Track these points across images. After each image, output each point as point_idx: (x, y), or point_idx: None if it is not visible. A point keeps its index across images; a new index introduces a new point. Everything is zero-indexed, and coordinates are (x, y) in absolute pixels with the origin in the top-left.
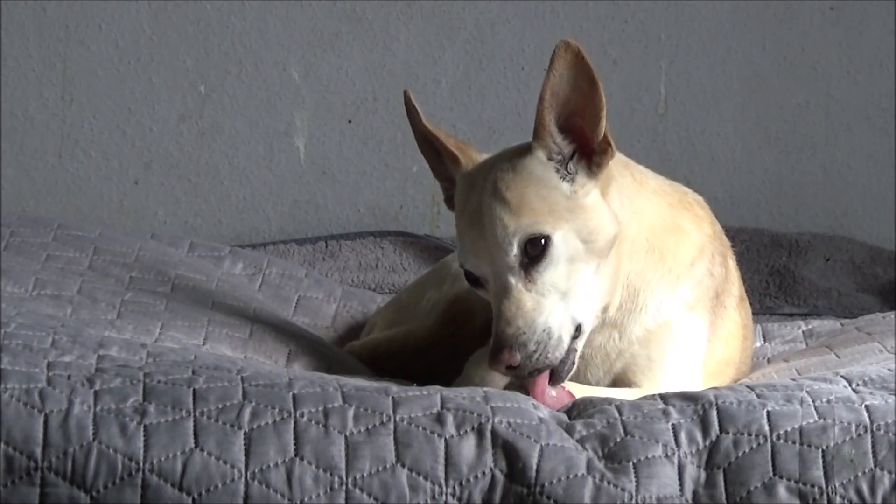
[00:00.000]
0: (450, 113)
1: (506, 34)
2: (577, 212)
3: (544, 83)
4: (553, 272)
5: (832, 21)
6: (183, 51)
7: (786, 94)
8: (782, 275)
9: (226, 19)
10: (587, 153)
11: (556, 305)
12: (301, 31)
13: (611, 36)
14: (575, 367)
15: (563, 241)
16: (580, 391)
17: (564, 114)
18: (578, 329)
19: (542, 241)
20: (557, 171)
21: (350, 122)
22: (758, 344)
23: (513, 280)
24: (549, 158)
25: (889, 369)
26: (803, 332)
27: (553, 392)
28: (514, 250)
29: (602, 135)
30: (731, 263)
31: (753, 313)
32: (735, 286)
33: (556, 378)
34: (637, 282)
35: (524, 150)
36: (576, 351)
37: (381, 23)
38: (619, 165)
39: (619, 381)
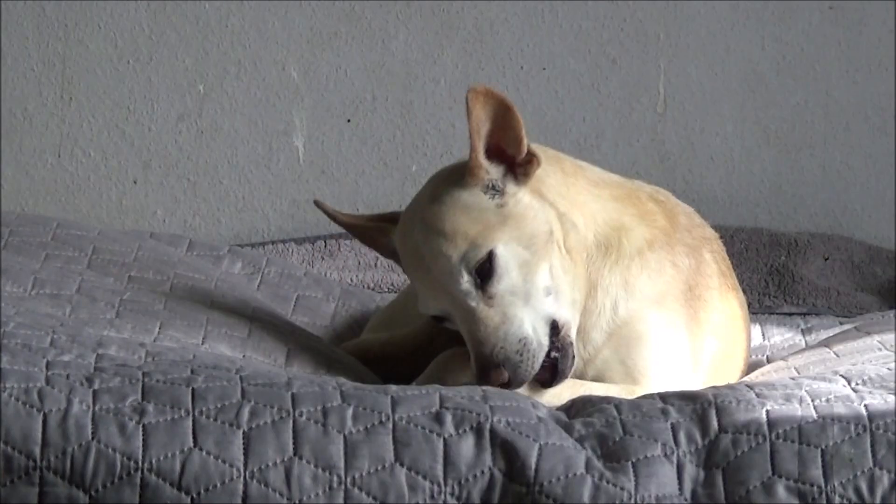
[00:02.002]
0: (449, 112)
1: (505, 34)
2: (510, 221)
3: (469, 128)
4: (507, 281)
5: (831, 21)
6: (182, 50)
7: (785, 94)
8: (781, 274)
9: (225, 19)
10: (513, 166)
11: (522, 311)
12: (300, 30)
13: (609, 35)
14: (574, 357)
15: (506, 251)
16: (582, 389)
17: (490, 144)
18: (555, 326)
19: (488, 256)
20: (485, 192)
21: (349, 121)
22: (756, 343)
23: (473, 303)
24: (480, 187)
25: (888, 368)
26: (802, 330)
27: None
28: (465, 276)
29: (525, 151)
30: (707, 257)
31: (752, 313)
32: (714, 278)
33: (560, 374)
34: (594, 275)
35: (447, 181)
36: (571, 343)
37: (380, 22)
38: (545, 158)
39: None
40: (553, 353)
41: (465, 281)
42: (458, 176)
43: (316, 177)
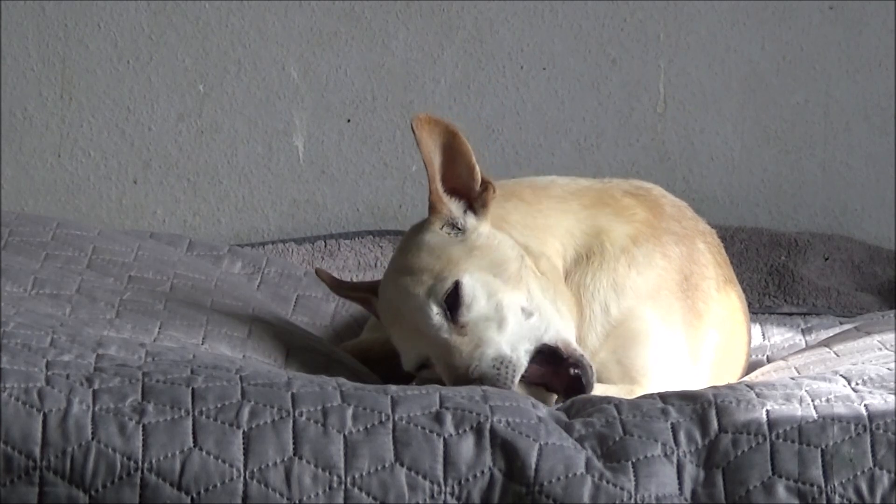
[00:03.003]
0: (448, 112)
1: (505, 33)
2: (475, 252)
3: (423, 160)
4: (477, 309)
5: (831, 20)
6: (182, 50)
7: (785, 94)
8: (781, 274)
9: (225, 19)
10: (471, 199)
11: (497, 335)
12: (300, 30)
13: (610, 35)
14: (593, 365)
15: (472, 279)
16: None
17: (445, 177)
18: (548, 348)
19: (454, 287)
20: (447, 230)
21: (349, 121)
22: (757, 343)
23: (445, 335)
24: (443, 226)
25: (888, 368)
26: (802, 330)
27: None
28: (434, 309)
29: (480, 179)
30: (701, 246)
31: (753, 313)
32: (709, 268)
33: (587, 387)
34: (575, 288)
35: (411, 232)
36: (582, 355)
37: (380, 22)
38: (503, 196)
39: None
40: (574, 371)
41: (435, 313)
42: (420, 225)
43: (316, 177)
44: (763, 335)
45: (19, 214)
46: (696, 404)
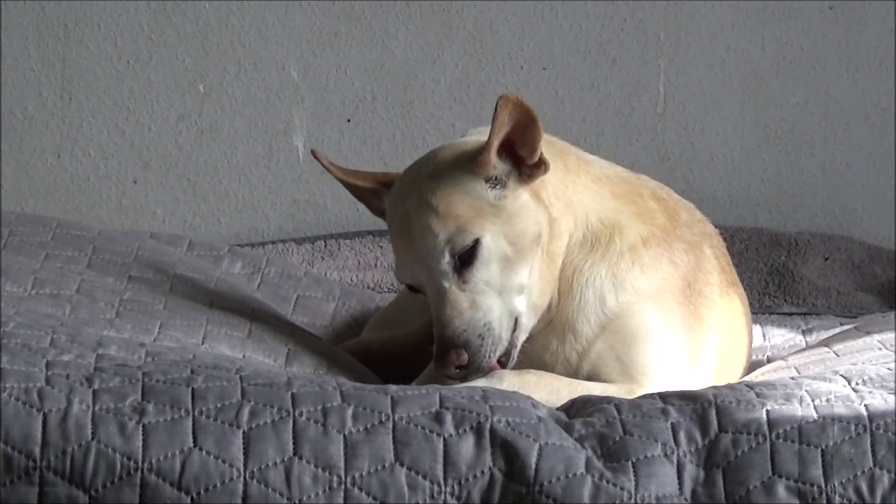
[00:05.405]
0: (449, 112)
1: (505, 33)
2: (503, 217)
3: (491, 129)
4: (485, 271)
5: (831, 20)
6: (182, 50)
7: (785, 94)
8: (781, 274)
9: (225, 18)
10: (521, 165)
11: (492, 301)
12: (300, 30)
13: (610, 35)
14: (514, 360)
15: (492, 242)
16: (581, 389)
17: (505, 140)
18: (516, 323)
19: (473, 244)
20: (487, 182)
21: (349, 121)
22: (757, 343)
23: (446, 283)
24: (487, 179)
25: (888, 368)
26: (802, 331)
27: None
28: (446, 257)
29: (537, 158)
30: (708, 252)
31: (753, 313)
32: (714, 275)
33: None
34: (569, 271)
35: (452, 162)
36: (515, 346)
37: (380, 22)
38: (551, 154)
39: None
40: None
41: (446, 262)
42: (464, 160)
43: (316, 177)
44: (763, 336)
45: (19, 214)
46: (696, 404)
